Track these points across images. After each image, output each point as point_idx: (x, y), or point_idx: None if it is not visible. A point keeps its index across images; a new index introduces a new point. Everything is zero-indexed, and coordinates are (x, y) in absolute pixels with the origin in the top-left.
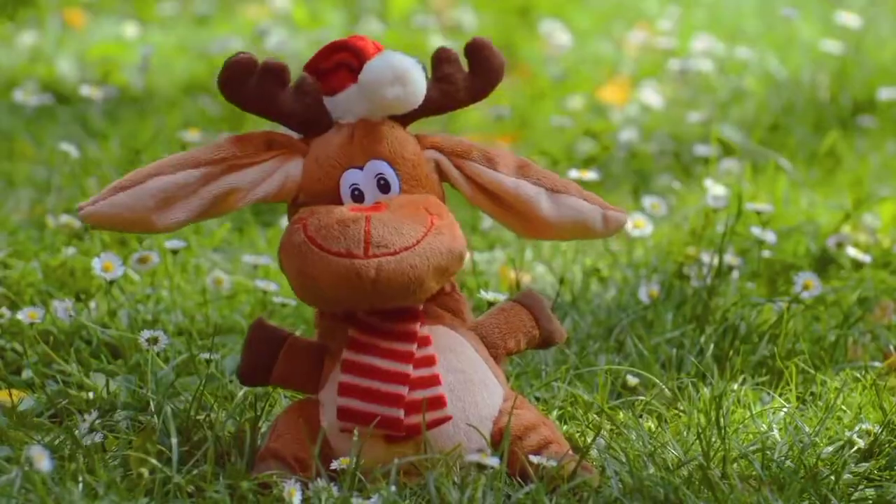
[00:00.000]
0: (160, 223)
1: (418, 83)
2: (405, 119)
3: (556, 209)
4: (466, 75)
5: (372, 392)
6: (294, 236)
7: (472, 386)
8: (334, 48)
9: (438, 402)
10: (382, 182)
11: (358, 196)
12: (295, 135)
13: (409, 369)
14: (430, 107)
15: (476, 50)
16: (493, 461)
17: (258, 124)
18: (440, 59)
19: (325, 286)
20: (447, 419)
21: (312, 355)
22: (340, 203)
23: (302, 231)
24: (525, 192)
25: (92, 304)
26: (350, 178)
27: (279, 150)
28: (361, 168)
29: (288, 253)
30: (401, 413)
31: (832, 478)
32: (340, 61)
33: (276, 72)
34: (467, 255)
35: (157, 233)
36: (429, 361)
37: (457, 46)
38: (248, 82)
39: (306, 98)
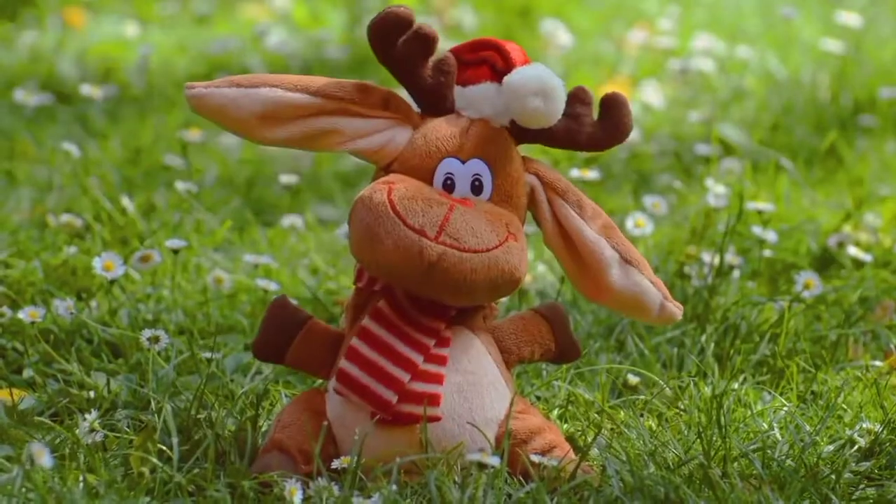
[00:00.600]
0: (258, 133)
1: (559, 104)
2: (523, 137)
3: (622, 279)
4: (594, 123)
5: (376, 367)
6: (376, 195)
7: (480, 388)
8: (483, 44)
9: (433, 400)
10: (477, 184)
11: (449, 186)
12: (414, 106)
13: (420, 360)
14: (551, 136)
15: (612, 104)
16: (494, 460)
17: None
18: (576, 98)
19: (386, 251)
20: (437, 419)
21: (330, 341)
22: (430, 185)
23: (386, 193)
24: (601, 252)
25: (93, 303)
26: (448, 166)
27: (394, 113)
28: (463, 162)
29: (364, 207)
30: (394, 398)
31: (833, 477)
32: (486, 58)
33: (425, 39)
34: (521, 284)
35: (251, 140)
36: (440, 360)
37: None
38: (397, 37)
39: (442, 77)
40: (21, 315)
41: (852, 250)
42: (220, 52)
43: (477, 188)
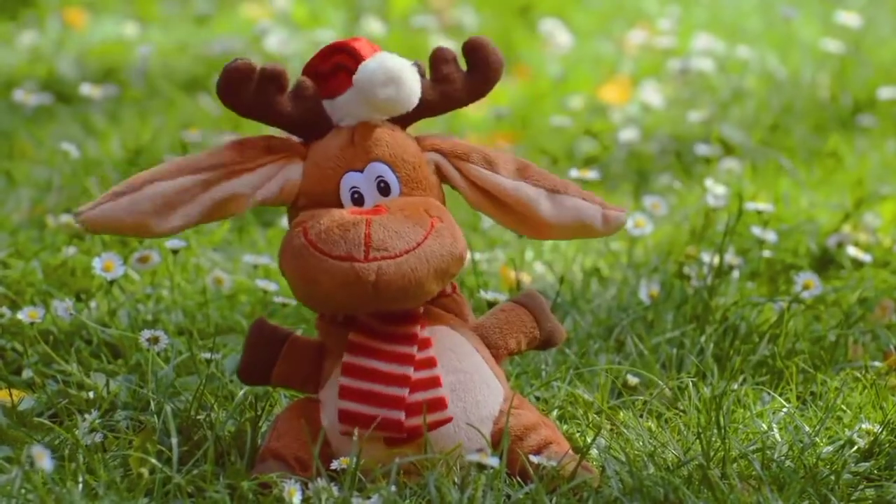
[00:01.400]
0: (159, 228)
1: (411, 84)
2: (405, 121)
3: (555, 210)
4: (464, 74)
5: (372, 395)
6: (294, 240)
7: (472, 386)
8: (332, 50)
9: (439, 404)
10: (382, 185)
11: (358, 199)
12: (295, 138)
13: (410, 371)
14: (430, 107)
15: (474, 49)
16: (493, 461)
17: (258, 125)
18: (437, 60)
19: (326, 290)
20: (448, 420)
21: (313, 355)
22: (340, 206)
23: (302, 235)
24: (525, 194)
25: (92, 304)
26: (350, 180)
27: (279, 154)
28: (361, 171)
29: (288, 257)
30: (402, 415)
31: (832, 478)
32: (338, 63)
33: (273, 77)
34: (468, 257)
35: (157, 237)
36: (429, 363)
37: (457, 46)
38: (246, 89)
39: (305, 102)
40: (20, 316)
41: (852, 250)
42: (220, 52)
43: (384, 189)
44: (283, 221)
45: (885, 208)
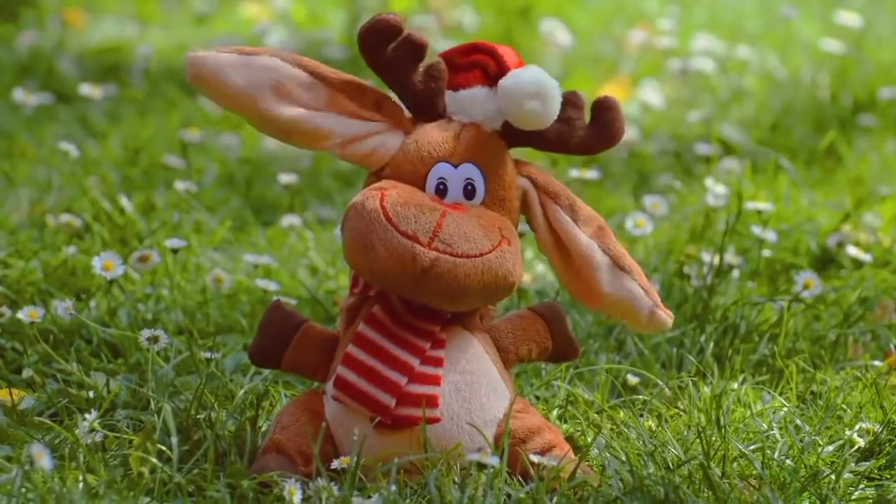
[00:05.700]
0: (260, 107)
1: (556, 104)
2: (511, 140)
3: (613, 285)
4: (585, 126)
5: (373, 372)
6: (369, 201)
7: (479, 388)
8: (475, 48)
9: (431, 402)
10: (469, 187)
11: (441, 191)
12: (406, 111)
13: (416, 363)
14: (541, 140)
15: (603, 108)
16: (494, 460)
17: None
18: (568, 102)
19: (379, 258)
20: (436, 420)
21: (325, 344)
22: (423, 190)
23: (378, 199)
24: (592, 257)
25: (92, 303)
26: (440, 170)
27: (386, 117)
28: (455, 167)
29: (357, 214)
30: (392, 401)
31: (832, 477)
32: (477, 61)
33: (416, 46)
34: (515, 288)
35: (250, 116)
36: (436, 362)
37: (455, 44)
38: (387, 44)
39: (432, 82)
40: (20, 315)
41: (852, 250)
42: None
43: (469, 192)
44: (284, 221)
45: (885, 208)
